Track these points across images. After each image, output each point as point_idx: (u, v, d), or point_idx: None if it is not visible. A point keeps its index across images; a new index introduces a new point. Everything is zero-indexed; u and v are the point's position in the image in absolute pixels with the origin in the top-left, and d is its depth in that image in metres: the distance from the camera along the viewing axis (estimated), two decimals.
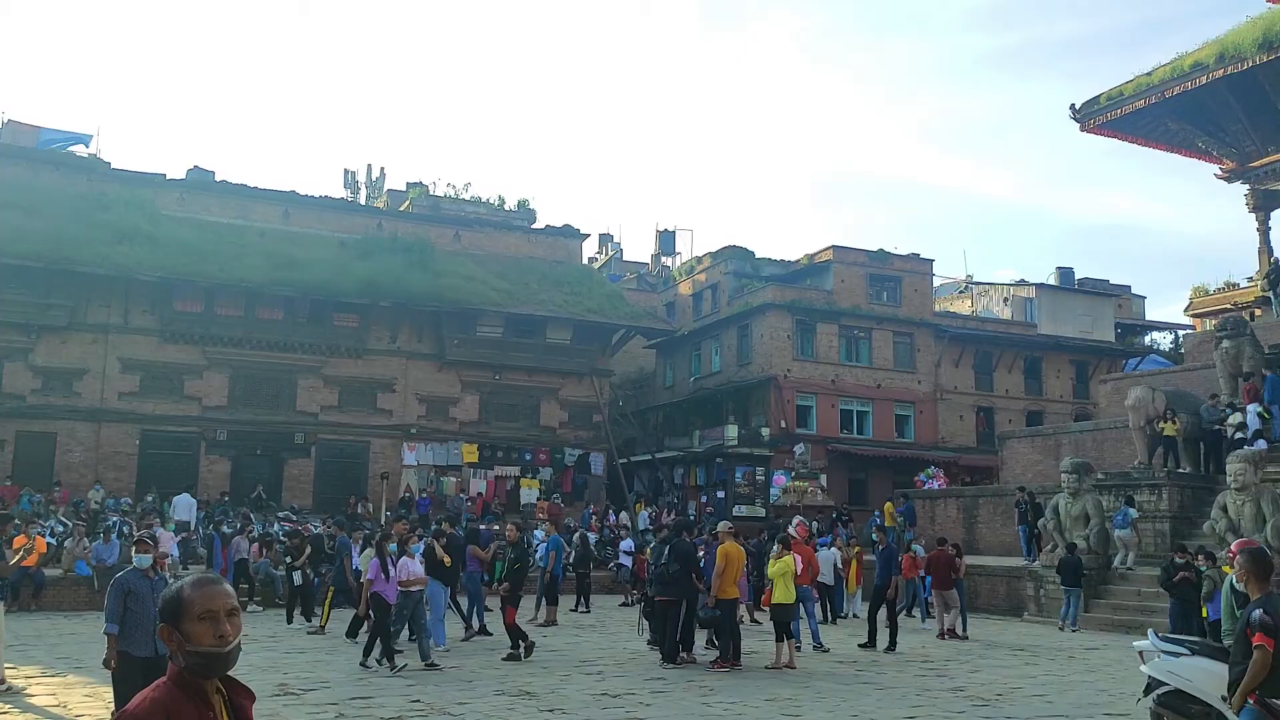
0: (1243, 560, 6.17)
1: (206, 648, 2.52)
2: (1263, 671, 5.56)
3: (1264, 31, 26.12)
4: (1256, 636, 5.59)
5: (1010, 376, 45.69)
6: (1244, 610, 5.90)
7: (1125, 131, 31.47)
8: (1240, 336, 24.47)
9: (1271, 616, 5.62)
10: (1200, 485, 21.91)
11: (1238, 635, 5.90)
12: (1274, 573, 6.45)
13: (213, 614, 2.54)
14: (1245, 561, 6.15)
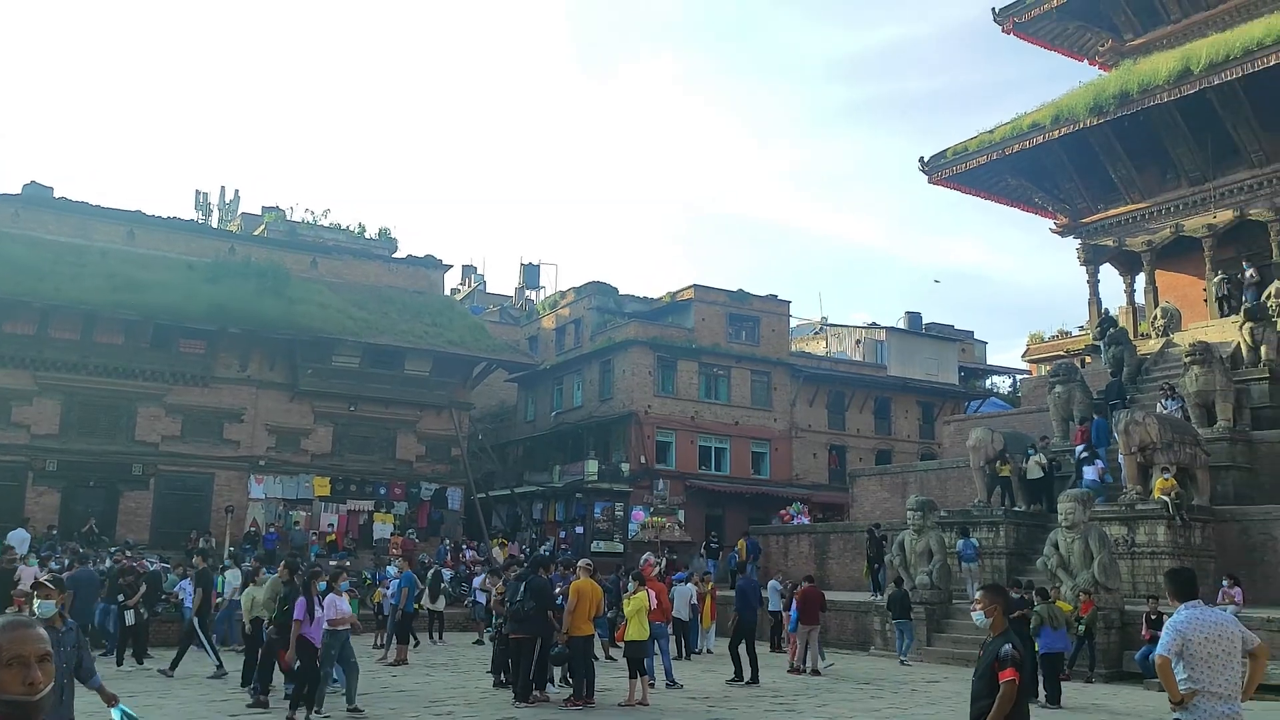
0: (983, 596, 6.24)
1: (15, 695, 2.37)
2: (1009, 705, 5.68)
3: (1095, 97, 27.96)
4: (1006, 671, 5.71)
5: (861, 416, 47.18)
6: (989, 645, 5.99)
7: (969, 185, 33.12)
8: (1071, 382, 25.97)
9: (1018, 651, 5.80)
10: (1035, 524, 22.98)
11: (982, 670, 5.96)
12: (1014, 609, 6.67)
13: (23, 659, 2.39)
14: (985, 598, 6.22)
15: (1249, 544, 20.01)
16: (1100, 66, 31.93)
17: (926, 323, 57.45)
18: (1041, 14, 31.42)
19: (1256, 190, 27.11)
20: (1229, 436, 22.07)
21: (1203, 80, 25.46)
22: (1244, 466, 22.00)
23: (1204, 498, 20.64)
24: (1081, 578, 18.20)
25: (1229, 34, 25.81)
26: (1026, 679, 5.81)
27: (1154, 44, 29.51)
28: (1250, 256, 27.15)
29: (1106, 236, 30.69)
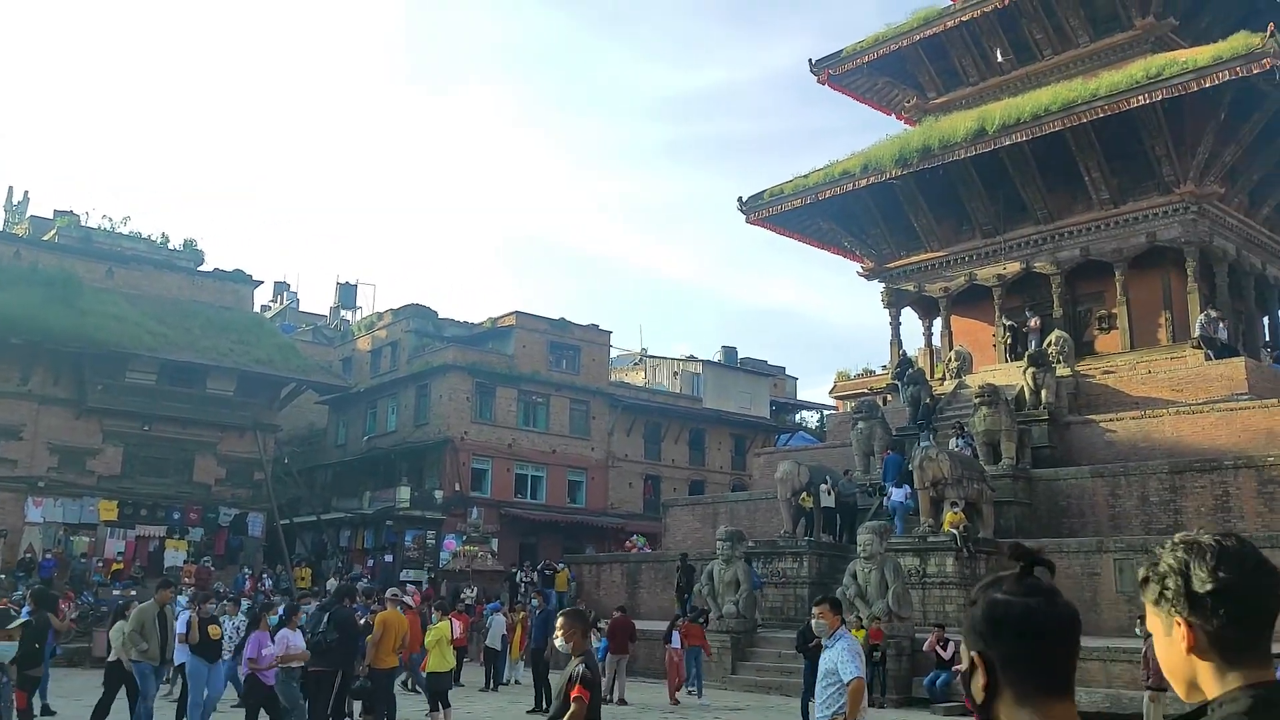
0: (564, 621, 6.58)
1: None
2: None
3: (900, 149, 29.59)
4: (575, 689, 6.03)
5: (677, 446, 47.97)
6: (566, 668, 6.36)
7: (785, 226, 34.36)
8: (873, 419, 27.22)
9: (592, 672, 6.16)
10: (837, 554, 23.84)
11: (560, 689, 6.31)
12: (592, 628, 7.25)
13: None
14: (566, 621, 6.55)
15: None
16: (906, 121, 33.82)
17: (742, 357, 59.11)
18: (854, 68, 33.07)
19: (1041, 245, 29.25)
20: (1012, 474, 23.57)
21: (996, 140, 27.36)
22: (1024, 502, 23.54)
23: (989, 531, 21.94)
24: (877, 606, 18.99)
25: (1020, 99, 27.86)
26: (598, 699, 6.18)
27: (954, 104, 31.52)
28: (1034, 306, 29.22)
29: (908, 282, 32.40)
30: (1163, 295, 27.67)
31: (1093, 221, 28.14)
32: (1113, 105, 25.28)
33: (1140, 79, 24.83)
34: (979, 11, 29.79)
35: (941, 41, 31.22)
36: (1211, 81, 23.92)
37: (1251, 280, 29.18)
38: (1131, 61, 26.70)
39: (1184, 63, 24.52)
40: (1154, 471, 22.14)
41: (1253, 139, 26.03)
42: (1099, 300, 28.93)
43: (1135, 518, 22.06)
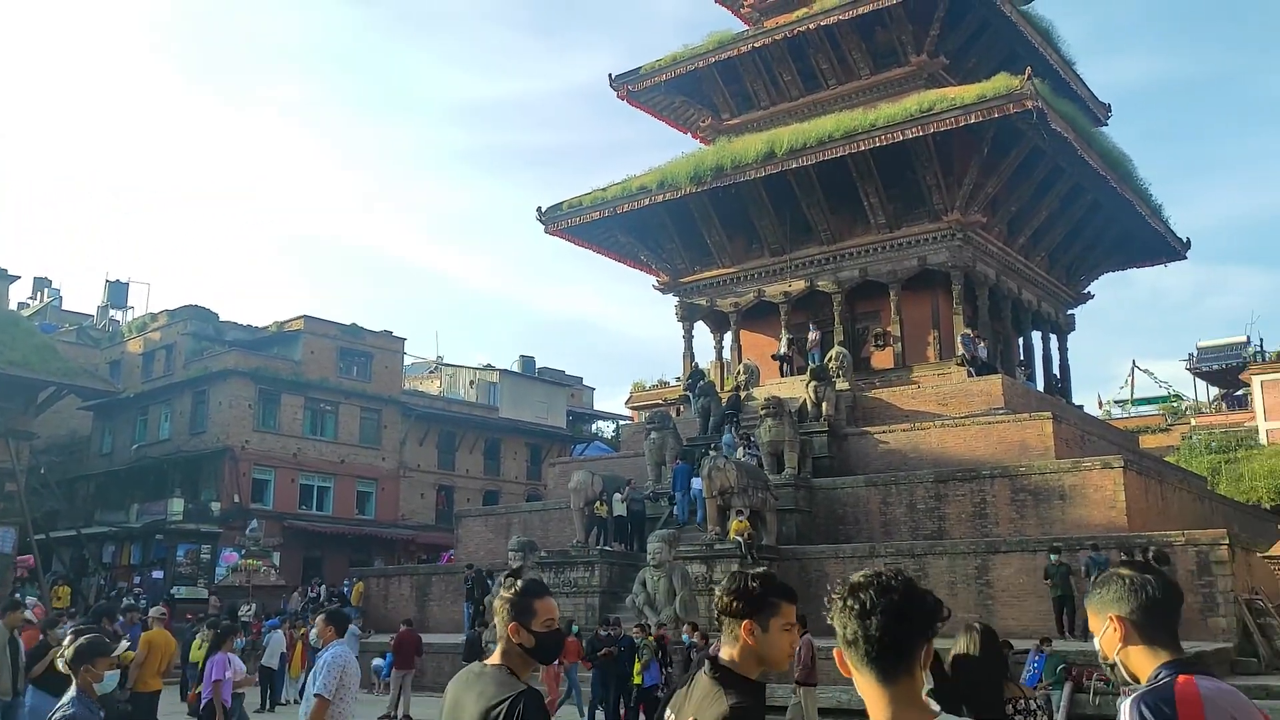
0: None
1: None
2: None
3: (695, 167, 30.39)
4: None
5: (471, 456, 47.41)
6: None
7: (583, 238, 34.61)
8: (665, 430, 27.77)
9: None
10: (628, 562, 24.14)
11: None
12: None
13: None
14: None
15: (807, 580, 22.28)
16: (702, 140, 34.79)
17: (540, 367, 59.10)
18: (652, 85, 33.75)
19: (824, 265, 30.70)
20: (794, 483, 24.57)
21: (784, 163, 28.54)
22: (805, 510, 24.58)
23: (772, 538, 22.77)
24: (665, 613, 19.36)
25: (807, 125, 29.18)
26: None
27: (746, 126, 32.67)
28: (818, 322, 30.61)
29: (701, 296, 33.28)
30: (932, 315, 29.57)
31: (871, 244, 29.78)
32: (889, 135, 26.86)
33: (914, 113, 26.52)
34: (770, 39, 31.03)
35: (736, 65, 32.31)
36: (976, 118, 25.83)
37: (1009, 303, 31.61)
38: (907, 95, 28.47)
39: (952, 99, 26.36)
40: (921, 481, 23.60)
41: (1012, 173, 28.24)
42: (875, 319, 30.61)
43: (904, 524, 23.44)
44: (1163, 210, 33.19)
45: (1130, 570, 2.65)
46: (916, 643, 2.20)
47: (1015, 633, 18.73)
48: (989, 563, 20.52)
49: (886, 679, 2.17)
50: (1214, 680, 2.45)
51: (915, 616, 2.22)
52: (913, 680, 2.18)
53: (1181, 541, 18.87)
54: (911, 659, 2.19)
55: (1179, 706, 2.35)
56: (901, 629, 2.18)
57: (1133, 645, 2.58)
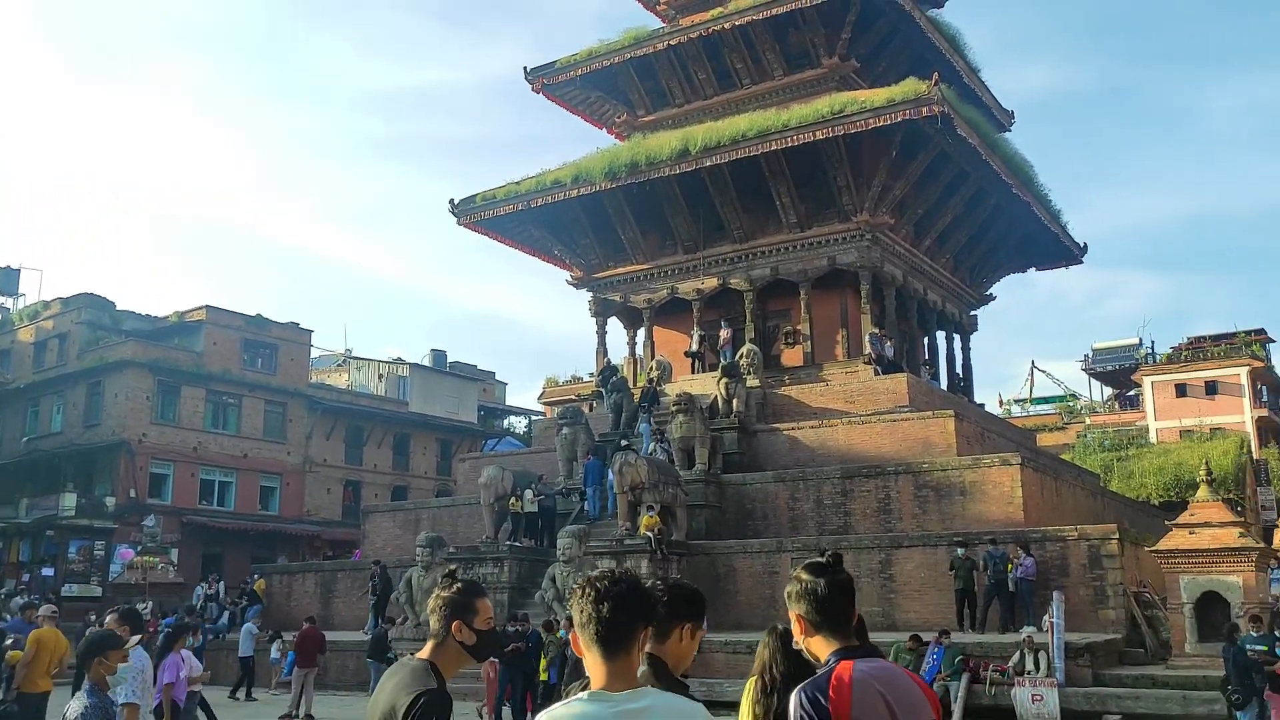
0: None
1: None
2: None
3: (610, 163, 30.37)
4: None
5: (380, 451, 46.69)
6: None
7: (497, 231, 34.32)
8: (577, 425, 27.71)
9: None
10: (538, 558, 24.05)
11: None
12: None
13: None
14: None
15: (716, 574, 22.52)
16: (617, 136, 34.78)
17: (451, 361, 58.49)
18: (567, 80, 33.63)
19: (736, 263, 30.98)
20: (704, 479, 24.75)
21: (698, 161, 28.71)
22: (715, 505, 24.77)
23: (682, 534, 22.91)
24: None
25: (722, 123, 29.39)
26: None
27: (661, 123, 32.78)
28: (729, 319, 30.89)
29: (614, 292, 33.29)
30: (841, 314, 30.06)
31: (783, 243, 30.15)
32: (800, 136, 27.22)
33: (825, 114, 26.92)
34: (686, 37, 31.17)
35: (651, 62, 32.38)
36: (884, 121, 26.34)
37: (915, 304, 32.32)
38: (819, 97, 28.87)
39: (862, 102, 26.82)
40: (828, 477, 23.98)
41: (919, 176, 28.86)
42: (786, 317, 31.00)
43: (811, 519, 23.79)
44: (1062, 215, 34.31)
45: (807, 574, 3.08)
46: (637, 628, 2.67)
47: (916, 625, 19.19)
48: (892, 557, 20.96)
49: (609, 656, 2.62)
50: (871, 663, 2.86)
51: (637, 606, 2.68)
52: (630, 659, 2.65)
53: (1074, 536, 19.52)
54: (630, 641, 2.65)
55: (832, 688, 2.78)
56: (624, 615, 2.63)
57: (811, 637, 3.02)
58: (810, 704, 2.77)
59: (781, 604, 13.74)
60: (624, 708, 2.57)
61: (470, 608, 3.52)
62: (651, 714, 2.59)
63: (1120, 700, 15.40)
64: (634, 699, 2.60)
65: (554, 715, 2.59)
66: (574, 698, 2.64)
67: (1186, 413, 51.19)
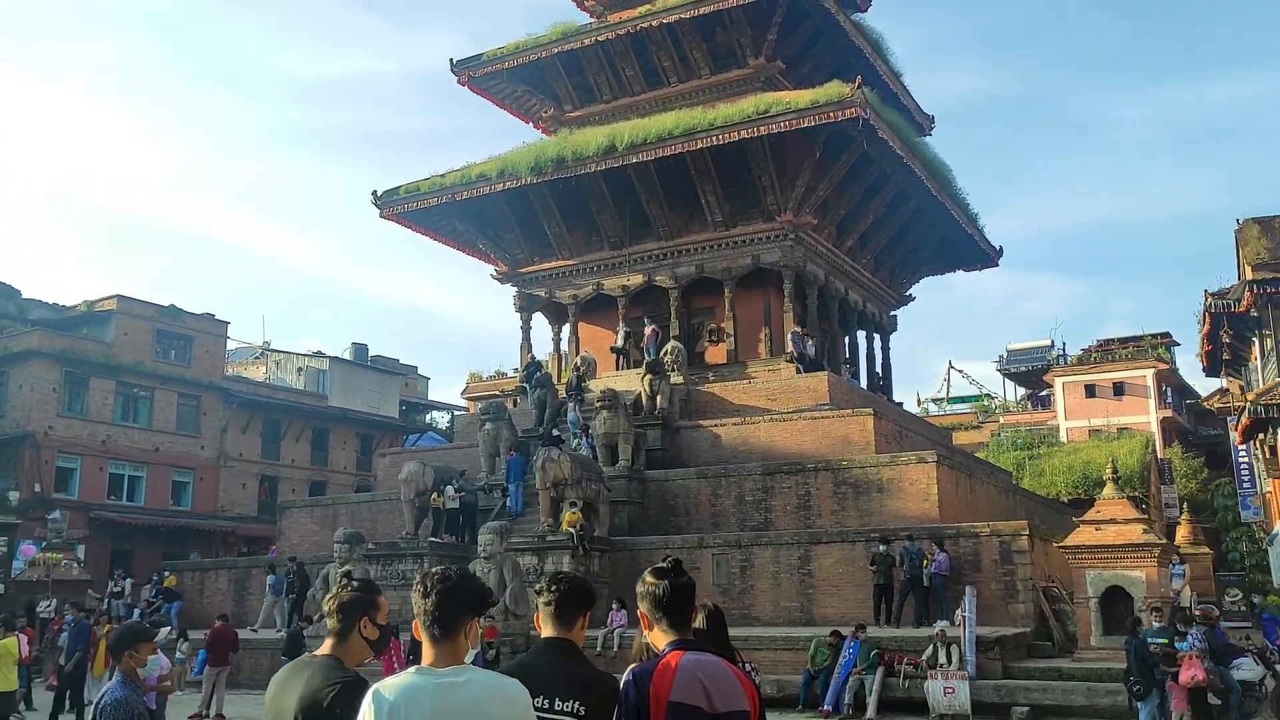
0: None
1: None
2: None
3: (536, 158, 30.23)
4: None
5: (298, 446, 45.84)
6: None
7: (421, 224, 33.94)
8: (499, 420, 27.53)
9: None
10: (458, 554, 23.82)
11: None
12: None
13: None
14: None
15: (638, 570, 22.19)
16: (544, 130, 34.63)
17: (373, 355, 57.69)
18: (494, 73, 33.37)
19: (662, 260, 31.08)
20: (628, 475, 24.78)
21: (625, 158, 28.73)
22: (637, 501, 24.83)
23: (604, 529, 22.92)
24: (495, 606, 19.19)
25: (648, 121, 29.45)
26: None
27: (589, 118, 32.72)
28: (653, 316, 30.96)
29: (539, 287, 33.16)
30: (764, 313, 30.36)
31: (708, 241, 30.33)
32: (726, 135, 27.42)
33: (750, 114, 27.14)
34: (614, 34, 31.15)
35: (579, 57, 32.29)
36: (808, 123, 26.66)
37: (836, 303, 32.79)
38: (745, 97, 29.10)
39: (787, 103, 27.11)
40: (749, 474, 24.20)
41: (842, 177, 29.27)
42: (711, 314, 31.21)
43: (733, 515, 23.98)
44: (979, 219, 35.14)
45: (651, 577, 3.49)
46: (462, 617, 3.12)
47: (834, 620, 19.48)
48: (811, 553, 21.22)
49: (436, 640, 3.09)
50: (697, 654, 3.30)
51: (462, 598, 3.12)
52: (456, 643, 3.10)
53: (987, 532, 20.00)
54: (456, 629, 3.10)
55: (658, 672, 3.19)
56: (450, 606, 3.09)
57: (651, 631, 3.45)
58: (636, 683, 3.20)
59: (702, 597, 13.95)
60: (446, 680, 3.02)
61: (374, 605, 3.73)
62: (469, 687, 3.03)
63: (1028, 692, 15.81)
64: (456, 674, 3.05)
65: (385, 685, 3.00)
66: (403, 672, 3.07)
67: (1095, 413, 52.79)
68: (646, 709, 3.12)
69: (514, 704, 3.07)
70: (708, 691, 3.12)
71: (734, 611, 21.35)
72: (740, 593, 21.45)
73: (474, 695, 3.00)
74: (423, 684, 2.99)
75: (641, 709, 3.13)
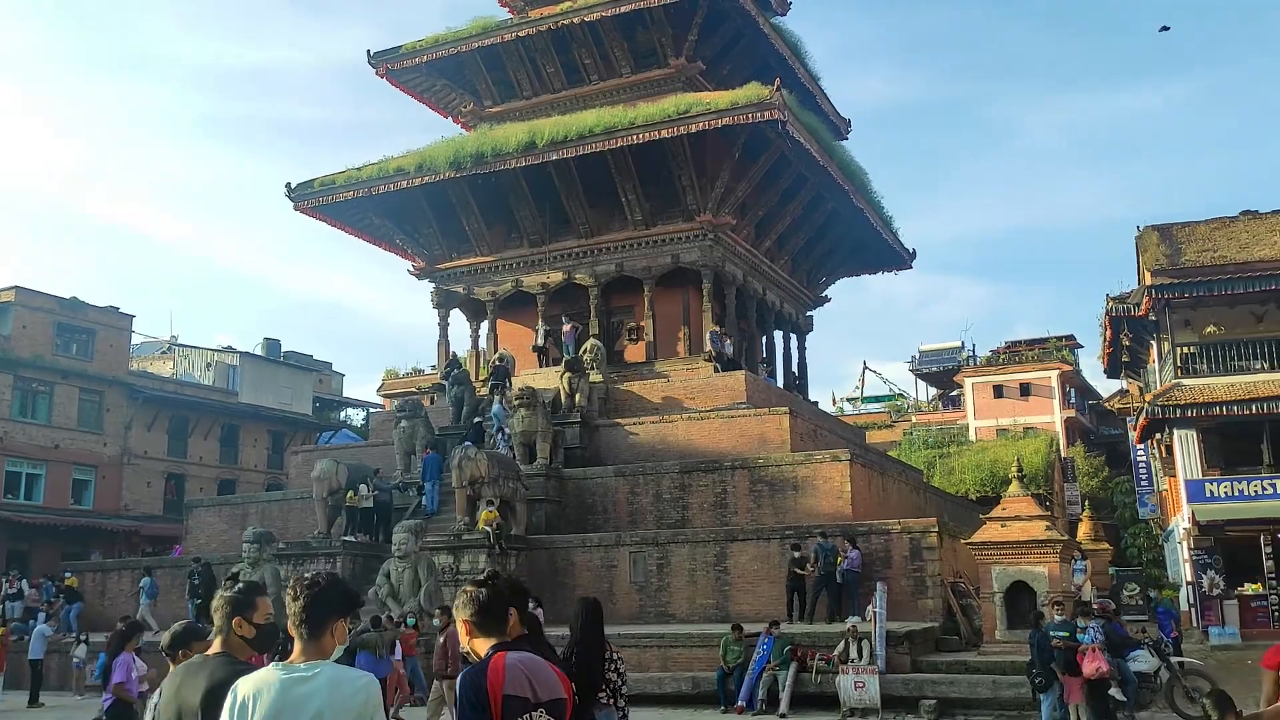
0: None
1: None
2: None
3: (455, 153, 29.92)
4: None
5: (206, 443, 44.71)
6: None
7: (336, 218, 33.32)
8: (416, 418, 27.23)
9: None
10: (372, 554, 23.51)
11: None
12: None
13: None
14: None
15: (555, 568, 22.52)
16: (463, 125, 34.28)
17: (286, 351, 56.50)
18: (412, 66, 32.92)
19: (582, 258, 31.03)
20: (545, 473, 24.69)
21: (545, 155, 28.60)
22: (555, 500, 24.76)
23: (521, 528, 22.80)
24: (409, 604, 18.98)
25: (569, 118, 29.36)
26: None
27: (509, 114, 32.49)
28: (573, 314, 30.90)
29: (458, 284, 32.84)
30: (683, 312, 30.52)
31: (628, 240, 30.38)
32: (646, 134, 27.48)
33: (671, 114, 27.25)
34: (535, 30, 30.97)
35: (499, 52, 32.06)
36: (727, 123, 26.87)
37: (754, 303, 33.11)
38: (666, 96, 29.19)
39: (707, 104, 27.28)
40: (667, 472, 24.31)
41: (761, 178, 29.57)
42: (630, 313, 31.26)
43: (650, 514, 24.06)
44: (893, 222, 35.82)
45: (472, 585, 3.80)
46: (329, 618, 3.49)
47: (749, 617, 19.69)
48: (727, 550, 21.41)
49: (304, 639, 3.45)
50: (520, 654, 3.63)
51: (329, 601, 3.49)
52: (321, 642, 3.47)
53: (898, 530, 20.41)
54: (323, 629, 3.47)
55: (490, 671, 3.52)
56: (318, 608, 3.45)
57: (475, 638, 3.73)
58: (472, 684, 3.52)
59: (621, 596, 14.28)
60: (296, 674, 3.35)
61: (249, 605, 4.02)
62: (316, 680, 3.35)
63: (936, 685, 16.19)
64: (309, 669, 3.37)
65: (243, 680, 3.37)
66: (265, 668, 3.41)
67: (1003, 413, 54.25)
68: (486, 703, 3.47)
69: (357, 695, 3.38)
70: (533, 684, 3.53)
71: (650, 609, 21.47)
72: (657, 590, 21.55)
73: (317, 687, 3.33)
74: (273, 678, 3.35)
75: (481, 704, 3.48)
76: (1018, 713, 15.03)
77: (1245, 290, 24.20)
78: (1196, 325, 25.92)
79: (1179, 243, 29.76)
